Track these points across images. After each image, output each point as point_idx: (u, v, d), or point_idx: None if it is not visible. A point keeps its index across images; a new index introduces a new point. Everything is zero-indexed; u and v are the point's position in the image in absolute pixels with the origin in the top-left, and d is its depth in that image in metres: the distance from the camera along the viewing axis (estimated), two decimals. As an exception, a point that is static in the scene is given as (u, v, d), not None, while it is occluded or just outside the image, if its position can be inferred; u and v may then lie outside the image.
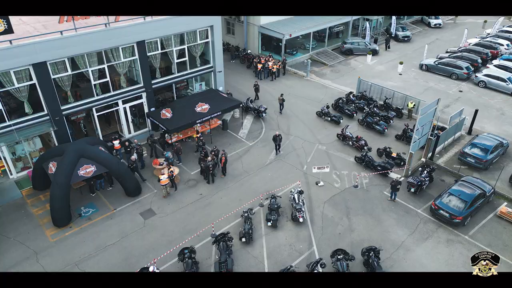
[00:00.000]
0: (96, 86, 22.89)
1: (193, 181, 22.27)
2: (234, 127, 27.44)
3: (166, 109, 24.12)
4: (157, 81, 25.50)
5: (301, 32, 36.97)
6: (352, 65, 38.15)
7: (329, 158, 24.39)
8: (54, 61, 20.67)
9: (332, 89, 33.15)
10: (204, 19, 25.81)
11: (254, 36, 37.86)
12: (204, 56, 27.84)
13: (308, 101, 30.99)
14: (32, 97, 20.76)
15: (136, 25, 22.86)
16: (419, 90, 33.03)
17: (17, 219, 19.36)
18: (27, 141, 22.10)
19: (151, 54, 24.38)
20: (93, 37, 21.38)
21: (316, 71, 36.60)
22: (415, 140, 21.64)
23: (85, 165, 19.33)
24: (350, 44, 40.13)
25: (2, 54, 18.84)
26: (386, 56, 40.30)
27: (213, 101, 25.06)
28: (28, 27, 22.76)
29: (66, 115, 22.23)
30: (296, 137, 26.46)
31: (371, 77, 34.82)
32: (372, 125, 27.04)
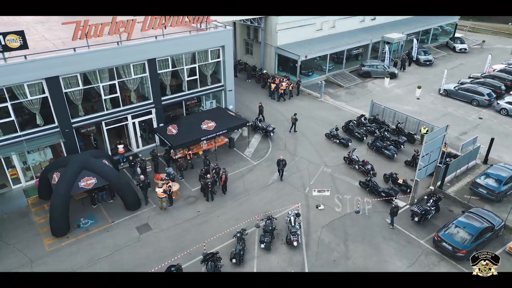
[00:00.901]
0: (106, 100, 23.49)
1: (193, 197, 22.20)
2: (241, 145, 27.35)
3: (173, 125, 24.39)
4: (167, 98, 25.90)
5: (317, 54, 36.82)
6: (368, 87, 37.48)
7: (333, 181, 23.75)
8: (66, 76, 21.43)
9: (345, 111, 32.58)
10: (216, 40, 26.20)
11: (271, 56, 38.04)
12: (215, 74, 28.13)
13: (318, 122, 30.55)
14: (43, 109, 21.52)
15: (147, 44, 23.43)
16: (436, 116, 31.92)
17: (19, 227, 19.85)
18: (38, 151, 22.84)
19: (161, 72, 24.86)
20: (105, 54, 22.07)
21: (331, 92, 36.18)
22: (420, 167, 20.75)
23: (87, 176, 19.69)
24: (368, 67, 39.54)
25: (17, 68, 19.72)
26: (405, 80, 39.38)
27: (219, 119, 25.14)
28: (48, 43, 23.77)
29: (76, 127, 22.85)
30: (302, 158, 26.01)
31: (387, 101, 34.04)
32: (381, 150, 26.23)
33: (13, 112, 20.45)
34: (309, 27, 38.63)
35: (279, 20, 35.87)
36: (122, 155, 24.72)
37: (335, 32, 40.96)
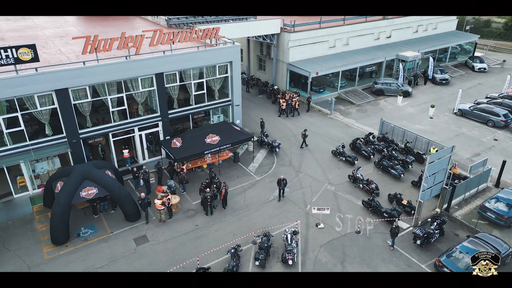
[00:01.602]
0: (114, 113, 23.94)
1: (193, 211, 22.14)
2: (245, 160, 27.25)
3: (177, 138, 24.57)
4: (174, 111, 26.17)
5: (328, 71, 36.64)
6: (381, 105, 36.89)
7: (335, 199, 23.26)
8: (75, 88, 22.01)
9: (354, 129, 32.09)
10: (224, 55, 26.44)
11: (282, 72, 38.10)
12: (223, 89, 28.32)
13: (326, 139, 30.17)
14: (52, 119, 22.11)
15: (155, 58, 23.86)
16: (448, 136, 31.02)
17: (22, 234, 20.24)
18: (46, 160, 23.40)
19: (169, 86, 25.22)
20: (113, 67, 22.58)
21: (341, 109, 35.79)
22: (424, 188, 20.07)
23: (88, 186, 19.98)
24: (381, 85, 39.01)
25: (28, 80, 20.38)
26: (419, 99, 38.58)
27: (224, 133, 25.17)
28: (63, 56, 24.57)
29: (83, 138, 23.33)
30: (306, 174, 25.65)
31: (399, 119, 33.40)
32: (387, 169, 25.58)
33: (22, 122, 21.09)
34: (322, 44, 38.58)
35: (291, 37, 36.00)
36: (128, 159, 25.16)
37: (348, 50, 40.74)
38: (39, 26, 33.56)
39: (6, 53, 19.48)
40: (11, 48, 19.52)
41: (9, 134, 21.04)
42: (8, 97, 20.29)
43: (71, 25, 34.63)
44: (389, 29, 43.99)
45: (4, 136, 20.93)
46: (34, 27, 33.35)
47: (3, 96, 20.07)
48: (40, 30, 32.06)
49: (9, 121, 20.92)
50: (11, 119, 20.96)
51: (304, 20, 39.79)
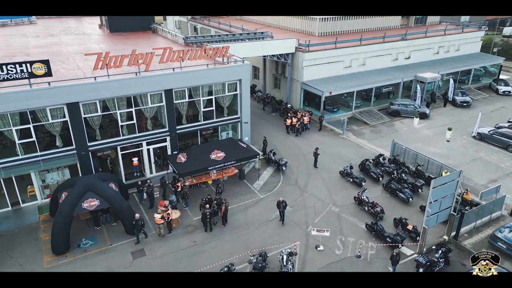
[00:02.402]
0: (123, 126, 24.44)
1: (192, 227, 22.02)
2: (251, 177, 27.03)
3: (183, 153, 24.72)
4: (182, 127, 26.46)
5: (342, 90, 36.22)
6: (396, 127, 35.97)
7: (339, 221, 22.57)
8: (86, 102, 22.67)
9: (366, 150, 31.34)
10: (233, 73, 26.69)
11: (296, 91, 37.99)
12: (232, 106, 28.44)
13: (335, 159, 29.58)
14: (62, 132, 22.78)
15: (165, 75, 24.32)
16: (464, 160, 29.75)
17: (26, 242, 20.69)
18: (57, 171, 24.04)
19: (178, 102, 25.57)
20: (123, 83, 23.17)
21: (354, 129, 35.13)
22: (428, 214, 19.16)
23: (90, 198, 20.29)
24: (397, 106, 38.13)
25: (41, 94, 21.20)
26: (437, 121, 37.38)
27: (229, 150, 25.13)
28: (80, 71, 25.47)
29: (92, 151, 23.87)
30: (310, 194, 25.12)
31: (413, 141, 32.41)
32: (396, 192, 24.69)
33: (34, 133, 21.83)
34: (337, 64, 38.32)
35: (306, 56, 35.97)
36: (137, 167, 25.76)
37: (364, 70, 40.23)
38: (65, 43, 35.10)
39: (21, 67, 20.42)
40: (25, 63, 20.45)
41: (21, 145, 21.80)
42: (22, 109, 21.11)
43: (95, 42, 36.03)
44: (408, 50, 43.22)
45: (16, 147, 21.71)
46: (60, 43, 34.91)
47: (17, 108, 20.91)
48: (64, 47, 33.50)
49: (21, 132, 21.71)
50: (23, 130, 21.73)
51: (320, 40, 39.80)
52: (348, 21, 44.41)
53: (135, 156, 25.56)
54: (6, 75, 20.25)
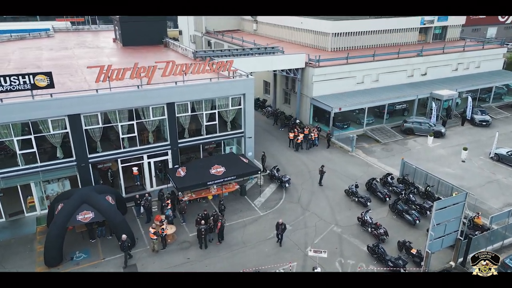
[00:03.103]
0: (124, 139, 24.71)
1: (188, 243, 21.82)
2: (253, 194, 26.75)
3: (182, 167, 24.74)
4: (185, 141, 26.56)
5: (352, 106, 35.78)
6: (409, 145, 35.11)
7: (340, 242, 21.94)
8: (87, 114, 23.10)
9: (375, 168, 30.63)
10: (236, 88, 26.76)
11: (306, 107, 37.75)
12: (237, 120, 28.41)
13: (342, 178, 28.99)
14: (63, 143, 23.21)
15: (167, 89, 24.60)
16: (479, 182, 28.65)
17: (20, 253, 20.93)
18: (57, 182, 24.42)
19: (180, 116, 25.74)
20: (125, 96, 23.54)
21: (365, 147, 34.48)
22: (431, 238, 18.40)
23: (85, 210, 20.44)
24: (411, 123, 37.31)
25: (43, 105, 21.74)
26: (453, 140, 36.31)
27: (230, 165, 25.01)
28: (85, 84, 26.08)
29: (92, 163, 24.19)
30: (313, 213, 24.60)
31: (426, 161, 31.53)
32: (402, 214, 23.89)
33: (35, 144, 22.31)
34: (348, 80, 37.99)
35: (316, 72, 35.84)
36: (137, 177, 26.09)
37: (378, 86, 39.70)
38: (77, 56, 36.16)
39: (24, 79, 21.03)
40: (28, 74, 21.07)
41: (22, 155, 22.29)
42: (24, 120, 21.66)
43: (106, 55, 36.97)
44: (424, 66, 42.51)
45: (17, 157, 22.21)
46: (72, 56, 35.99)
47: (19, 119, 21.47)
48: (76, 60, 34.49)
49: (22, 142, 22.21)
50: (24, 141, 22.23)
51: (331, 55, 39.66)
52: (362, 36, 44.19)
53: (136, 166, 25.74)
54: (9, 86, 20.90)
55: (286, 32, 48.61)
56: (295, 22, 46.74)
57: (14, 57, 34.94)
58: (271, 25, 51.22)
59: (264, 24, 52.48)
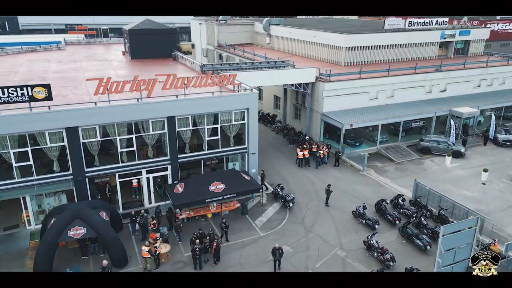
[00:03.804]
0: (122, 153, 24.96)
1: (182, 263, 21.62)
2: (254, 213, 26.45)
3: (181, 183, 24.75)
4: (185, 156, 26.65)
5: (365, 123, 35.34)
6: (425, 165, 34.29)
7: (343, 267, 21.34)
8: (85, 127, 23.49)
9: (387, 189, 29.94)
10: (240, 102, 26.84)
11: (316, 123, 37.51)
12: (241, 135, 28.37)
13: (351, 198, 28.42)
14: (60, 156, 23.60)
15: (167, 102, 24.86)
16: (500, 206, 27.62)
17: (11, 268, 21.07)
18: (54, 196, 24.75)
19: (181, 130, 25.90)
20: (124, 109, 23.88)
21: (377, 166, 33.85)
22: (439, 265, 17.69)
23: (77, 226, 20.57)
24: (427, 142, 36.51)
25: (40, 117, 22.22)
26: (473, 161, 35.28)
27: (230, 182, 24.87)
28: (87, 96, 26.62)
29: (89, 177, 24.46)
30: (316, 235, 24.10)
31: (442, 182, 30.70)
32: (412, 238, 23.14)
33: (32, 157, 22.75)
34: (361, 95, 37.65)
35: (326, 86, 35.69)
36: (136, 189, 26.49)
37: (393, 102, 39.19)
38: (84, 69, 37.09)
39: (22, 91, 21.61)
40: (26, 86, 21.66)
41: (18, 168, 22.74)
42: (21, 132, 22.16)
43: (113, 68, 37.82)
44: (444, 82, 41.81)
45: (13, 169, 22.67)
46: (79, 69, 36.93)
47: (16, 131, 21.98)
48: (82, 72, 35.37)
49: (19, 155, 22.68)
50: (21, 153, 22.70)
51: (343, 69, 39.51)
52: (377, 50, 43.96)
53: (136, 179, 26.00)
54: (7, 98, 21.50)
55: (300, 46, 48.84)
56: (308, 36, 46.99)
57: (21, 69, 36.10)
58: (284, 38, 51.62)
59: (277, 37, 52.93)
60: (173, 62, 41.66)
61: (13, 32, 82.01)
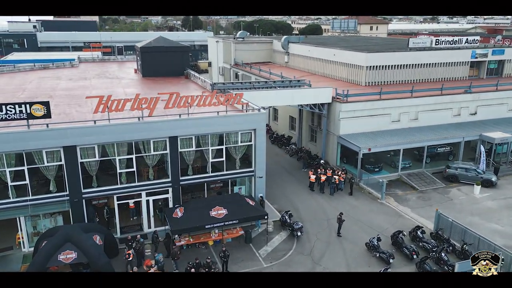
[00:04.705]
0: (121, 174, 25.11)
1: (176, 294, 21.18)
2: (259, 241, 25.91)
3: (180, 207, 24.60)
4: (187, 178, 26.57)
5: (384, 147, 34.55)
6: (450, 195, 33.02)
7: (351, 305, 20.40)
8: (84, 146, 23.83)
9: (406, 220, 28.88)
10: (246, 122, 26.77)
11: (333, 146, 36.95)
12: (248, 158, 28.13)
13: (366, 228, 27.51)
14: (57, 176, 23.92)
15: (170, 121, 25.03)
16: (534, 242, 26.11)
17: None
18: (50, 218, 25.00)
19: (183, 151, 25.93)
20: (124, 128, 24.19)
21: (398, 194, 32.81)
22: (455, 307, 16.59)
23: (68, 250, 20.61)
24: (455, 169, 35.26)
25: (37, 135, 22.72)
26: (507, 191, 33.77)
27: (233, 207, 24.54)
28: (89, 115, 27.16)
29: (86, 198, 24.65)
30: (325, 269, 23.31)
31: (469, 214, 29.45)
32: (430, 275, 22.01)
33: (28, 176, 23.14)
34: (382, 117, 36.97)
35: (343, 107, 35.27)
36: (133, 210, 26.80)
37: (417, 125, 38.25)
38: (92, 86, 38.05)
39: (20, 108, 22.22)
40: (25, 104, 22.27)
41: (13, 187, 23.15)
42: (18, 150, 22.65)
43: (122, 86, 38.63)
44: (474, 104, 40.66)
45: (8, 189, 23.08)
46: (87, 87, 37.89)
47: (13, 148, 22.49)
48: (90, 90, 36.23)
49: (15, 174, 23.14)
50: (17, 172, 23.14)
51: (363, 90, 39.05)
52: (401, 70, 43.36)
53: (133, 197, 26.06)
54: (5, 115, 22.11)
55: (319, 65, 48.82)
56: (327, 54, 46.97)
57: (30, 86, 37.37)
58: (302, 57, 51.79)
59: (296, 56, 53.17)
60: (185, 80, 42.23)
61: (31, 49, 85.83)
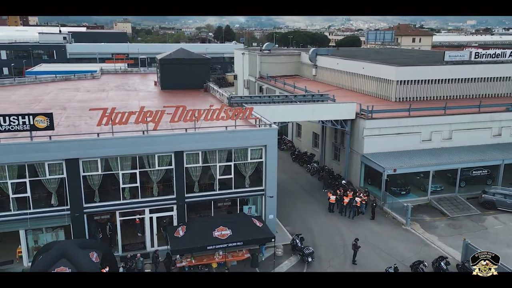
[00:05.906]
0: (124, 189, 25.51)
1: (171, 318, 21.06)
2: (267, 266, 25.49)
3: (182, 226, 24.62)
4: (193, 195, 26.65)
5: (412, 169, 33.46)
6: (485, 223, 31.42)
7: None
8: (86, 159, 24.44)
9: (432, 249, 27.66)
10: (256, 138, 26.69)
11: (356, 165, 36.15)
12: (259, 175, 27.91)
13: (384, 256, 26.55)
14: (58, 189, 24.59)
15: (175, 136, 25.32)
16: None
17: (-7, 306, 21.85)
18: (51, 232, 25.65)
19: (189, 166, 26.08)
20: (128, 141, 24.66)
21: (425, 221, 31.55)
22: None
23: (63, 266, 20.95)
24: (492, 195, 33.60)
25: (39, 147, 23.53)
26: (552, 220, 31.80)
27: (238, 228, 24.35)
28: (96, 128, 27.89)
29: (87, 213, 25.14)
30: (333, 299, 22.51)
31: (505, 246, 28.02)
32: (451, 312, 20.82)
33: (29, 189, 23.92)
34: (411, 136, 35.91)
35: (367, 124, 34.56)
36: (139, 226, 26.98)
37: (451, 146, 36.88)
38: (108, 98, 39.23)
39: (24, 119, 23.11)
40: (28, 115, 23.16)
41: (15, 199, 23.97)
42: (20, 162, 23.50)
43: (138, 99, 39.58)
44: (517, 123, 38.88)
45: (10, 201, 23.91)
46: (103, 99, 39.10)
47: (15, 160, 23.36)
48: (105, 102, 37.33)
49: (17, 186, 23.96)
50: (18, 185, 23.95)
51: (392, 105, 38.18)
52: (435, 85, 42.19)
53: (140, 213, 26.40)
54: (8, 126, 23.04)
55: (347, 78, 48.33)
56: (356, 67, 46.46)
57: (46, 98, 38.96)
58: (331, 70, 51.46)
59: (324, 69, 52.91)
60: (204, 93, 42.76)
61: (61, 60, 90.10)
